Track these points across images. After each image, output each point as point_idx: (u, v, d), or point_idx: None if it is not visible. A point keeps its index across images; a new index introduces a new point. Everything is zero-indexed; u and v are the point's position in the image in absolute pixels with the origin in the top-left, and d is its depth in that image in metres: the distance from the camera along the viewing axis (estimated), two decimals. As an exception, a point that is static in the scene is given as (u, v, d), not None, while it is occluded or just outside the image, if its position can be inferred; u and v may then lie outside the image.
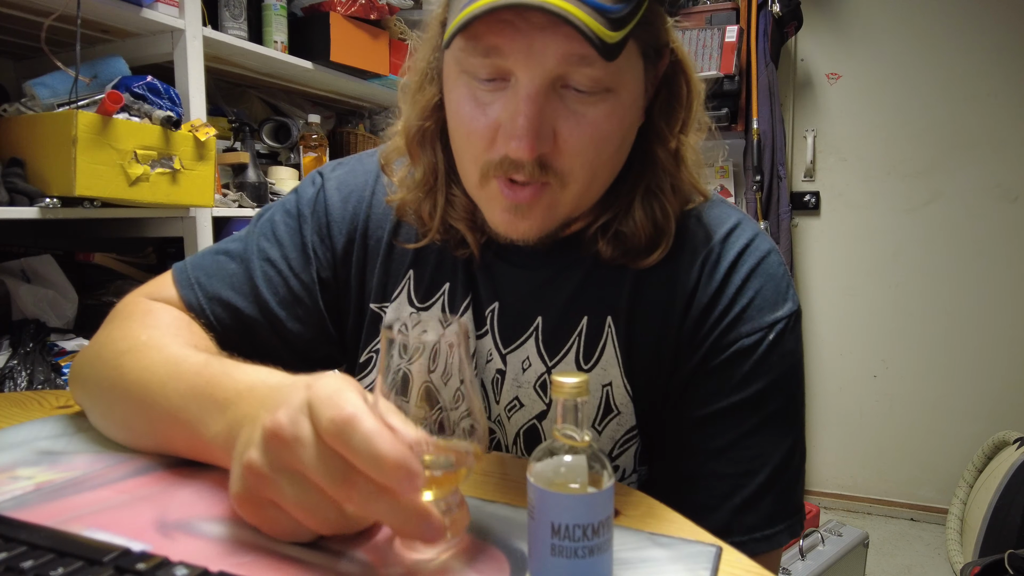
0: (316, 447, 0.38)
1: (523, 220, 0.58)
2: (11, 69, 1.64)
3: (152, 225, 1.54)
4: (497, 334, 0.68)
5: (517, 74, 0.53)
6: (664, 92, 0.64)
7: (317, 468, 0.38)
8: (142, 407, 0.53)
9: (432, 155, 0.66)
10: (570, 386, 0.36)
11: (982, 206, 2.49)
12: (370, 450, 0.36)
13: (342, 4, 1.85)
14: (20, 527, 0.41)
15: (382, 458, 0.36)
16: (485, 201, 0.61)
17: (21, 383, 1.26)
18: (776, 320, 0.63)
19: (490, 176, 0.57)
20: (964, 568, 2.01)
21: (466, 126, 0.57)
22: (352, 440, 0.36)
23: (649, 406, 0.66)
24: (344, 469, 0.37)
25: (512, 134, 0.54)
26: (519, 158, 0.54)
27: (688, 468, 0.63)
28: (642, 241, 0.63)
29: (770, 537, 0.61)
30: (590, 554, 0.36)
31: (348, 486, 0.37)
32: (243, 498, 0.41)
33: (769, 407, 0.62)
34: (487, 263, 0.68)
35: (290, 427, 0.38)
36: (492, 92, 0.56)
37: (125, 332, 0.61)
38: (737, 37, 2.37)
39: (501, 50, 0.53)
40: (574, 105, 0.55)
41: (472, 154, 0.58)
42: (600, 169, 0.59)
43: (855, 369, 2.71)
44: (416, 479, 0.36)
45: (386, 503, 0.37)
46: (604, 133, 0.56)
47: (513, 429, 0.69)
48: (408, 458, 0.36)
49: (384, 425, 0.37)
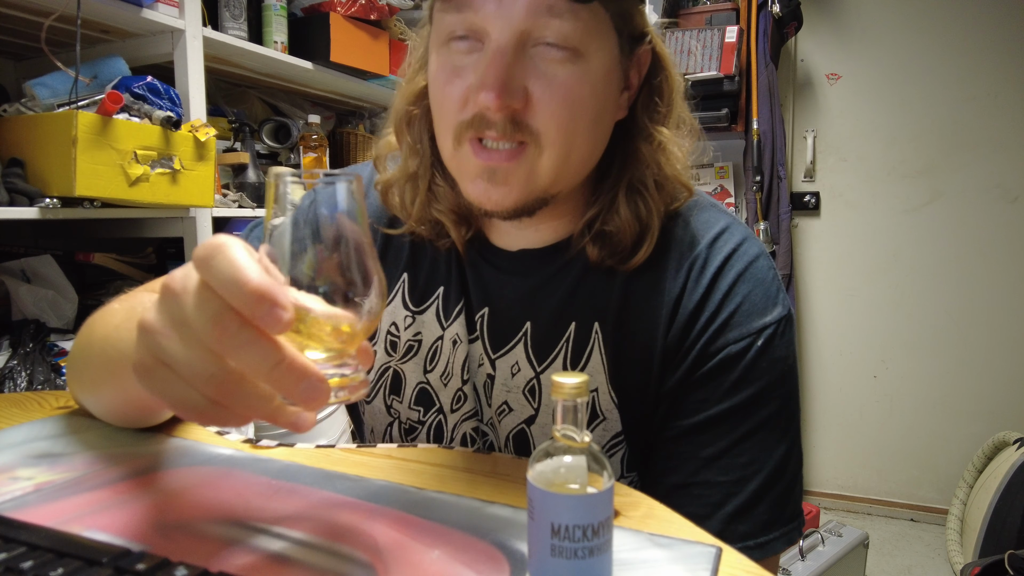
0: (197, 292, 0.35)
1: (498, 187, 0.58)
2: (11, 69, 1.64)
3: (152, 225, 1.54)
4: (487, 339, 0.68)
5: (488, 29, 0.55)
6: (646, 88, 0.65)
7: (194, 313, 0.35)
8: (101, 357, 0.54)
9: (417, 140, 0.67)
10: (570, 387, 0.36)
11: (982, 206, 2.49)
12: (231, 272, 0.34)
13: (342, 4, 1.85)
14: (20, 528, 0.41)
15: (243, 281, 0.33)
16: (458, 169, 0.60)
17: (21, 383, 1.26)
18: (765, 326, 0.62)
19: (463, 139, 0.58)
20: (964, 569, 2.01)
21: (442, 91, 0.59)
22: (213, 263, 0.34)
23: (637, 413, 0.65)
24: (217, 309, 0.34)
25: (481, 85, 0.54)
26: (487, 106, 0.54)
27: (679, 477, 0.62)
28: (628, 240, 0.63)
29: (764, 545, 0.60)
30: (590, 555, 0.36)
31: (219, 328, 0.34)
32: (138, 364, 0.38)
33: (760, 413, 0.61)
34: (478, 269, 0.69)
35: (181, 279, 0.36)
36: (467, 55, 0.57)
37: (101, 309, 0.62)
38: (737, 37, 2.37)
39: (472, 3, 0.54)
40: (544, 66, 0.56)
41: (447, 119, 0.59)
42: (576, 136, 0.58)
43: (855, 369, 2.71)
44: (279, 308, 0.33)
45: (258, 350, 0.34)
46: (576, 96, 0.57)
47: (504, 433, 0.69)
48: (275, 288, 0.34)
49: (258, 263, 0.35)
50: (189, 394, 0.36)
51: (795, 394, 0.64)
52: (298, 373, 0.35)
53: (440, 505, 0.49)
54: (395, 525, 0.46)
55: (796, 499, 0.63)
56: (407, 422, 0.73)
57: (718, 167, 2.69)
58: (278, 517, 0.46)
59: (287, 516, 0.46)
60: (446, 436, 0.72)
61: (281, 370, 0.35)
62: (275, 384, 0.35)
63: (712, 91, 2.39)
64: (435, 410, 0.71)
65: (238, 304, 0.34)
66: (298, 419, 0.38)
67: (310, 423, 0.38)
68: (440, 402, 0.71)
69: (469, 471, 0.56)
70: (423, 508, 0.48)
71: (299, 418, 0.38)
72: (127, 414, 0.59)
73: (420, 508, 0.48)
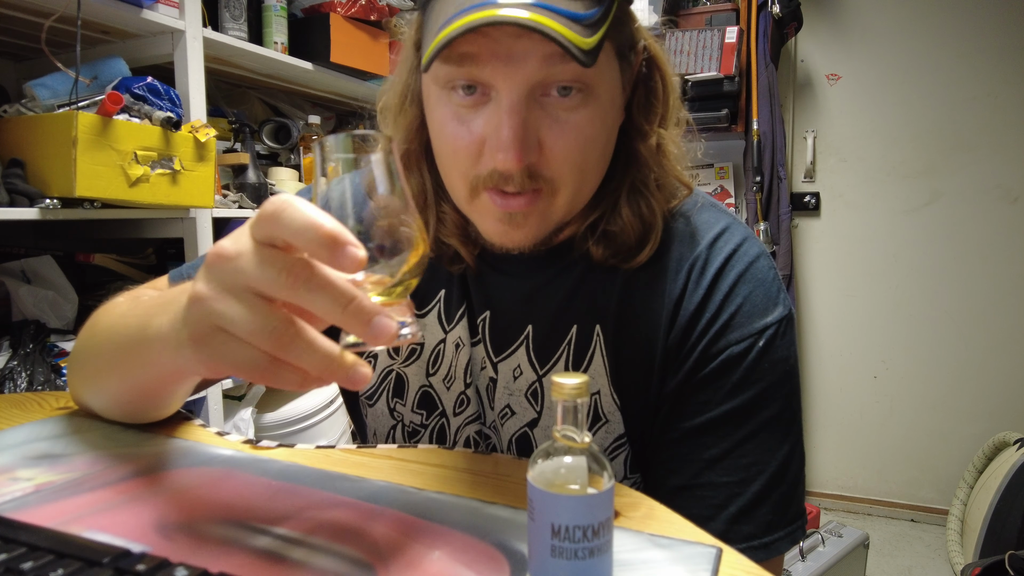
0: (257, 251, 0.37)
1: (517, 229, 0.58)
2: (11, 70, 1.64)
3: (152, 226, 1.54)
4: (489, 342, 0.68)
5: (497, 86, 0.54)
6: (641, 89, 0.64)
7: (258, 269, 0.37)
8: (107, 346, 0.55)
9: (419, 175, 0.66)
10: (570, 387, 0.36)
11: (982, 207, 2.50)
12: (303, 219, 0.35)
13: (342, 5, 1.85)
14: (20, 528, 0.41)
15: (315, 224, 0.35)
16: (477, 214, 0.61)
17: (21, 384, 1.26)
18: (766, 326, 0.62)
19: (480, 190, 0.58)
20: (964, 569, 2.01)
21: (451, 144, 0.58)
22: (283, 215, 0.36)
23: (639, 415, 0.65)
24: (283, 262, 0.36)
25: (499, 147, 0.54)
26: (507, 170, 0.54)
27: (682, 479, 0.62)
28: (631, 239, 0.63)
29: (768, 545, 0.60)
30: (590, 555, 0.36)
31: (291, 275, 0.36)
32: (193, 334, 0.39)
33: (763, 414, 0.61)
34: (480, 272, 0.69)
35: (231, 245, 0.38)
36: (473, 108, 0.56)
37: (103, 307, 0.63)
38: (737, 38, 2.37)
39: (478, 59, 0.53)
40: (556, 112, 0.55)
41: (459, 171, 0.58)
42: (588, 173, 0.59)
43: (855, 370, 2.71)
44: (352, 247, 0.35)
45: (332, 292, 0.36)
46: (588, 137, 0.56)
47: (506, 436, 0.69)
48: (343, 231, 0.36)
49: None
50: (249, 353, 0.38)
51: (797, 394, 0.64)
52: (369, 311, 0.37)
53: (440, 506, 0.49)
54: (395, 526, 0.46)
55: (799, 499, 0.63)
56: (410, 425, 0.73)
57: (718, 167, 2.69)
58: (278, 517, 0.46)
59: (287, 516, 0.46)
60: (449, 439, 0.72)
61: (354, 308, 0.37)
62: (348, 323, 0.37)
63: (712, 92, 2.39)
64: (438, 413, 0.71)
65: (314, 248, 0.35)
66: (355, 372, 0.38)
67: (367, 377, 0.39)
68: (443, 405, 0.71)
69: (469, 471, 0.56)
70: (423, 509, 0.48)
71: (356, 371, 0.38)
72: (133, 404, 0.59)
73: (420, 509, 0.48)
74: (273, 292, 0.37)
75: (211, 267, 0.38)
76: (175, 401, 0.60)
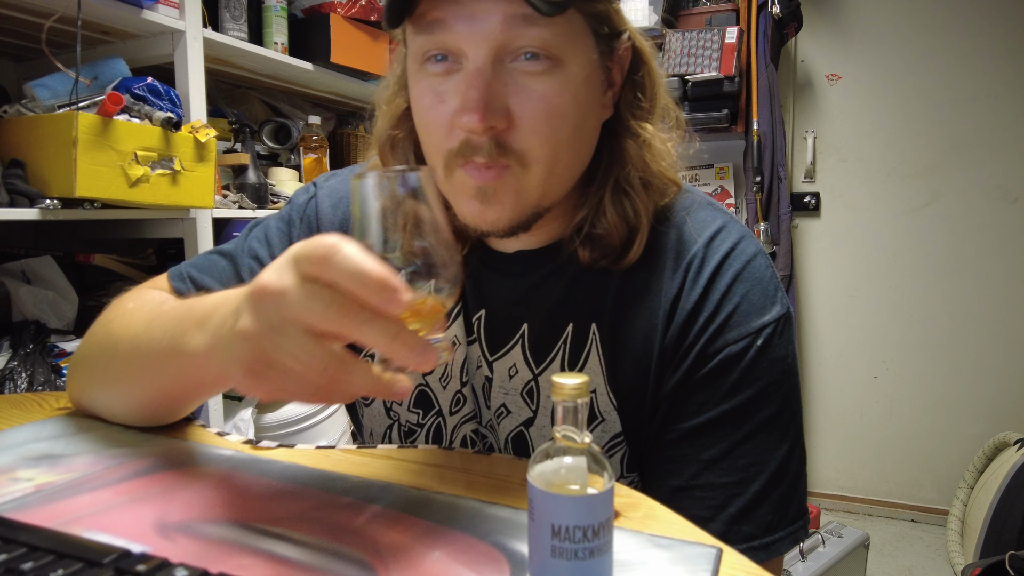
0: (302, 287, 0.39)
1: (490, 207, 0.58)
2: (11, 70, 1.64)
3: (152, 226, 1.54)
4: (484, 341, 0.68)
5: (464, 50, 0.55)
6: (628, 84, 0.64)
7: (306, 305, 0.39)
8: (133, 353, 0.57)
9: (404, 163, 0.67)
10: (570, 387, 0.36)
11: (982, 207, 2.49)
12: (354, 265, 0.38)
13: (342, 5, 1.85)
14: (20, 529, 0.41)
15: (366, 272, 0.37)
16: (453, 194, 0.60)
17: (21, 384, 1.26)
18: (763, 325, 0.61)
19: (454, 167, 0.58)
20: (965, 569, 2.01)
21: (426, 117, 0.59)
22: (333, 260, 0.38)
23: (635, 414, 0.65)
24: (331, 298, 0.38)
25: (463, 108, 0.54)
26: (471, 129, 0.54)
27: (681, 480, 0.62)
28: (616, 241, 0.63)
29: (769, 546, 0.60)
30: (590, 556, 0.36)
31: (340, 313, 0.38)
32: (249, 371, 0.41)
33: (761, 414, 0.61)
34: (475, 271, 0.69)
35: (275, 280, 0.40)
36: (446, 77, 0.57)
37: (114, 310, 0.66)
38: (737, 38, 2.37)
39: (445, 23, 0.54)
40: (523, 80, 0.55)
41: (435, 146, 0.59)
42: (560, 149, 0.58)
43: (855, 370, 2.71)
44: (399, 293, 0.38)
45: (380, 325, 0.39)
46: (556, 108, 0.56)
47: (502, 435, 0.69)
48: (390, 274, 0.38)
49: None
50: (304, 386, 0.41)
51: (796, 393, 0.64)
52: (413, 341, 0.40)
53: (440, 506, 0.49)
54: (395, 526, 0.46)
55: (800, 499, 0.63)
56: (406, 424, 0.73)
57: (718, 168, 2.69)
58: (278, 518, 0.46)
59: (287, 517, 0.46)
60: (445, 438, 0.72)
61: (400, 340, 0.39)
62: (395, 352, 0.40)
63: (712, 92, 2.39)
64: (434, 412, 0.71)
65: (364, 292, 0.38)
66: (398, 386, 0.42)
67: (408, 389, 0.43)
68: (439, 404, 0.71)
69: (469, 472, 0.56)
70: (423, 509, 0.48)
71: (398, 386, 0.42)
72: (155, 407, 0.60)
73: (420, 509, 0.48)
74: (322, 326, 0.39)
75: (257, 303, 0.40)
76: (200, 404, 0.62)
